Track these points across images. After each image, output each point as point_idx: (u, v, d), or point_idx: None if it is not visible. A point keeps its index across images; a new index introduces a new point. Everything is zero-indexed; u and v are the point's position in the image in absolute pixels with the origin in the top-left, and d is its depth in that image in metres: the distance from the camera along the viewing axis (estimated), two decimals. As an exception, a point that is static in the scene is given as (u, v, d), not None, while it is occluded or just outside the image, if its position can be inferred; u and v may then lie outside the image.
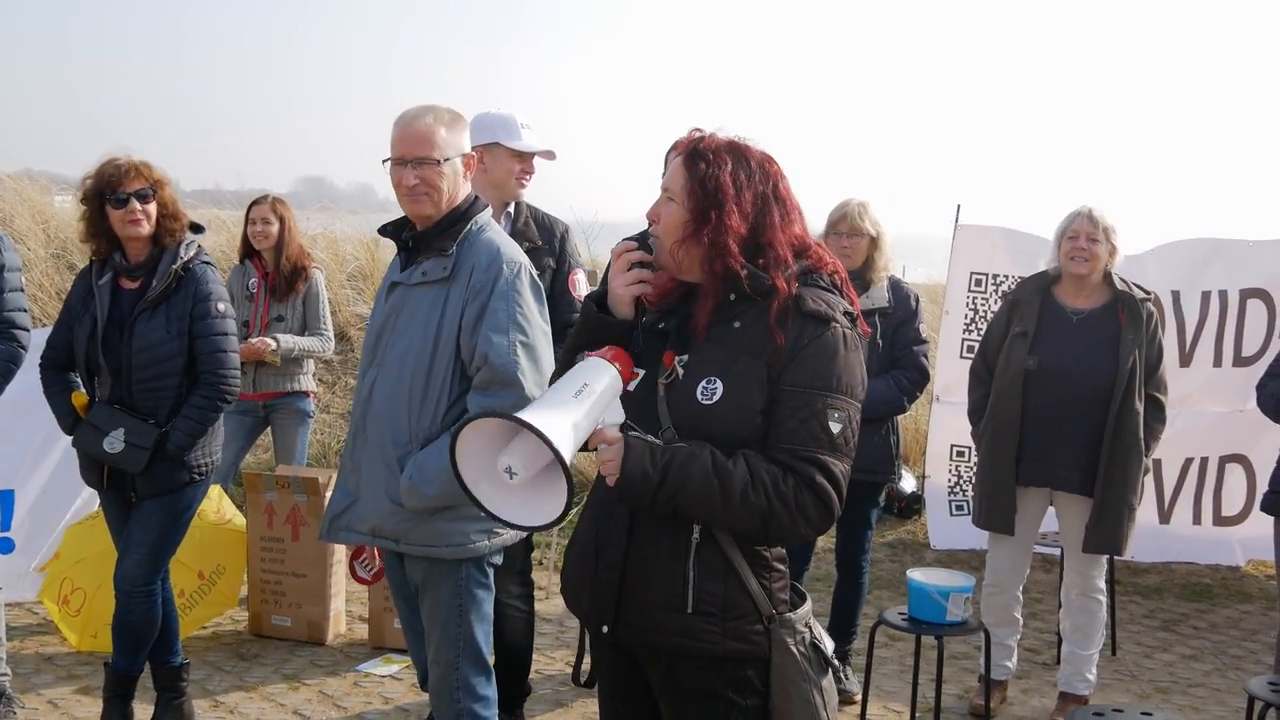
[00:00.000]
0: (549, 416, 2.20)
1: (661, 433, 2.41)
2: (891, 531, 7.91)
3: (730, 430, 2.37)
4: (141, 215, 4.24)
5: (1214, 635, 6.35)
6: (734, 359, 2.40)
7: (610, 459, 2.31)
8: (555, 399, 2.29)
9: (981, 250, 7.45)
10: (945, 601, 4.43)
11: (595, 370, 2.37)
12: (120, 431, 4.20)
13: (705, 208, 2.41)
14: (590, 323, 2.55)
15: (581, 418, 2.26)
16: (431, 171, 3.37)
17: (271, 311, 6.14)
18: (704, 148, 2.47)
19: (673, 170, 2.49)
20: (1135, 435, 4.77)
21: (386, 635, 5.56)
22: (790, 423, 2.35)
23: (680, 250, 2.45)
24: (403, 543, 3.38)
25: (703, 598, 2.39)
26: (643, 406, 2.45)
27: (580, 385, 2.31)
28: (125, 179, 4.23)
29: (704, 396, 2.39)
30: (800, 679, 2.43)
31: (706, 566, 2.39)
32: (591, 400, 2.29)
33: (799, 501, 2.32)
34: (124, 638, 4.44)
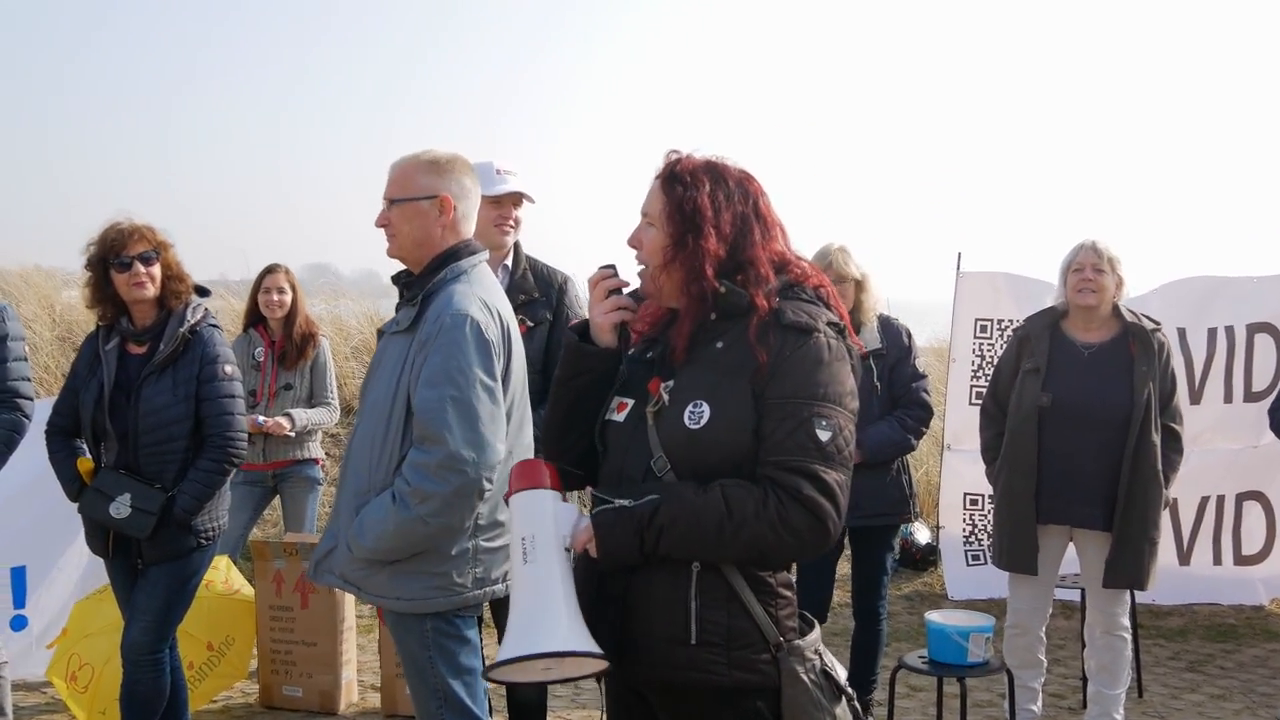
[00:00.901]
0: (537, 627, 2.26)
1: (653, 461, 2.39)
2: (908, 583, 7.82)
3: (722, 453, 2.34)
4: (146, 278, 4.23)
5: (1242, 675, 6.23)
6: (719, 381, 2.38)
7: (587, 542, 2.35)
8: (522, 593, 2.33)
9: (985, 296, 7.43)
10: (966, 642, 4.36)
11: (526, 512, 2.39)
12: (126, 497, 4.16)
13: (684, 231, 2.41)
14: (572, 353, 2.56)
15: (558, 579, 2.31)
16: (393, 211, 3.35)
17: (280, 380, 6.14)
18: (681, 170, 2.47)
19: (651, 194, 2.49)
20: (1154, 468, 4.71)
21: (399, 703, 5.47)
22: (777, 435, 2.31)
23: (662, 275, 2.45)
24: (364, 591, 3.33)
25: (706, 628, 2.34)
26: (633, 436, 2.45)
27: (521, 547, 2.34)
28: (129, 242, 4.23)
29: (691, 421, 2.36)
30: (813, 708, 2.37)
31: (708, 596, 2.34)
32: (547, 552, 2.32)
33: (784, 518, 2.27)
34: (132, 708, 4.37)
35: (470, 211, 3.44)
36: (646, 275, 2.50)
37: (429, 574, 3.24)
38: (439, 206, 3.35)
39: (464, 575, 3.27)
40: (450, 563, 3.25)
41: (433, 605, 3.26)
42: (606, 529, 2.33)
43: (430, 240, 3.36)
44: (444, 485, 3.11)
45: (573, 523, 2.37)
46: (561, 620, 2.26)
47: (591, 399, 2.58)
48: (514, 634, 2.29)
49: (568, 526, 2.36)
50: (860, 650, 5.17)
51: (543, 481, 2.40)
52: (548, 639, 2.24)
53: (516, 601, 2.33)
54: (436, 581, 3.25)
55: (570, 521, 2.37)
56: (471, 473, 3.12)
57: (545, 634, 2.25)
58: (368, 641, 6.37)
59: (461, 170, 3.41)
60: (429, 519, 3.12)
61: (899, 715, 5.19)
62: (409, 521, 3.13)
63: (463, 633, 3.34)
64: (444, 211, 3.35)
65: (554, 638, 2.24)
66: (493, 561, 3.34)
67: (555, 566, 2.31)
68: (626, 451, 2.45)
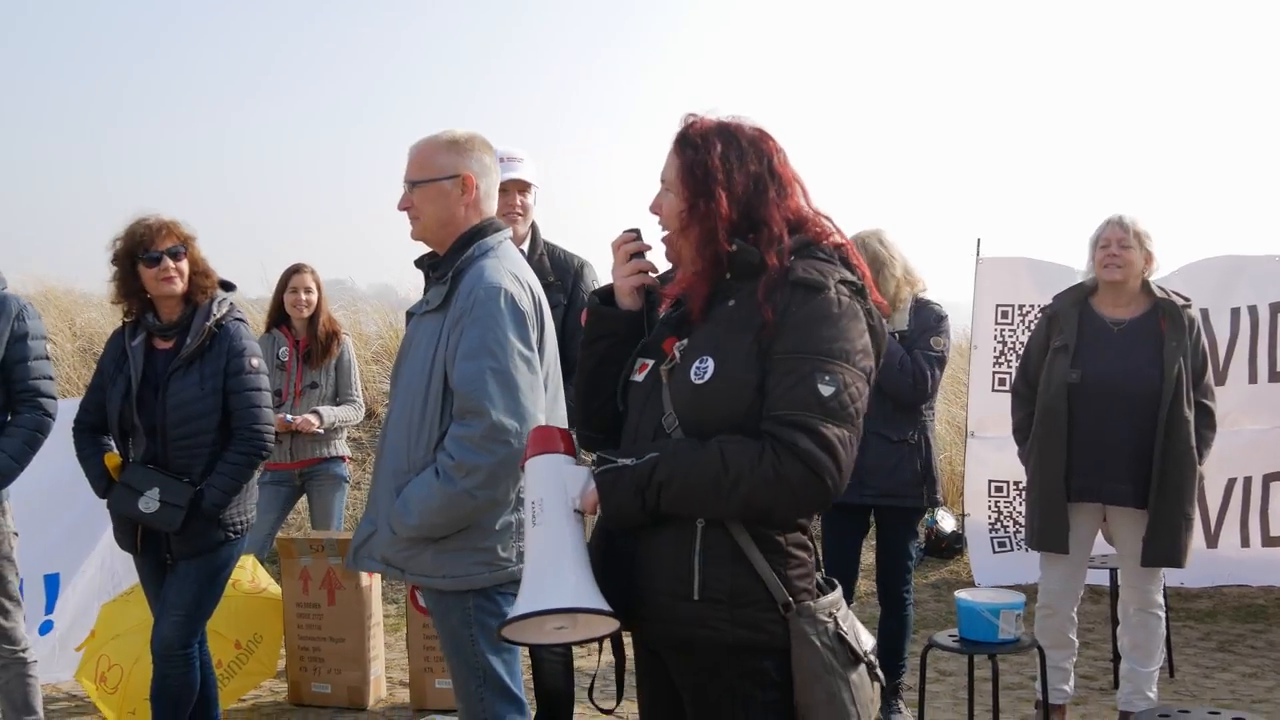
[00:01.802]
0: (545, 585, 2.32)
1: (664, 419, 2.41)
2: (934, 571, 7.79)
3: (725, 408, 2.34)
4: (175, 273, 4.24)
5: (1272, 653, 6.20)
6: (724, 336, 2.39)
7: (594, 503, 2.39)
8: (531, 554, 2.40)
9: (1005, 282, 7.42)
10: (996, 620, 4.33)
11: (537, 476, 2.44)
12: (155, 491, 4.17)
13: (696, 194, 2.43)
14: (593, 316, 2.62)
15: (566, 540, 2.35)
16: (414, 194, 3.36)
17: (305, 379, 6.16)
18: (693, 133, 2.48)
19: (667, 160, 2.51)
20: (1187, 443, 4.66)
21: (429, 697, 5.47)
22: (779, 389, 2.30)
23: (680, 239, 2.48)
24: (407, 573, 3.33)
25: (709, 584, 2.33)
26: (650, 396, 2.48)
27: (531, 511, 2.40)
28: (157, 237, 4.24)
29: (696, 376, 2.38)
30: (824, 672, 2.33)
31: (712, 553, 2.34)
32: (555, 514, 2.37)
33: (781, 474, 2.24)
34: (163, 704, 4.37)
35: (492, 190, 3.45)
36: (667, 240, 2.53)
37: (474, 550, 3.24)
38: (461, 185, 3.35)
39: (508, 549, 3.28)
40: (494, 537, 3.26)
41: (478, 581, 3.27)
42: (608, 488, 2.36)
43: (454, 220, 3.37)
44: (489, 457, 3.11)
45: (582, 485, 2.40)
46: (568, 578, 2.30)
47: (614, 362, 2.61)
48: (524, 593, 2.34)
49: (577, 488, 2.39)
50: (887, 635, 5.14)
51: (554, 446, 2.44)
52: (555, 596, 2.28)
53: (527, 563, 2.40)
54: (481, 557, 3.26)
55: (580, 484, 2.40)
56: (515, 443, 3.12)
57: (552, 591, 2.29)
58: (395, 640, 6.36)
59: (481, 148, 3.42)
60: (475, 492, 3.13)
61: (930, 699, 5.16)
62: (455, 496, 3.13)
63: (503, 609, 3.33)
64: (466, 190, 3.36)
65: (561, 595, 2.29)
66: None
67: (564, 527, 2.35)
68: (643, 411, 2.48)
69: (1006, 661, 5.79)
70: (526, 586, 2.35)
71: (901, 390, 4.93)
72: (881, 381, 4.89)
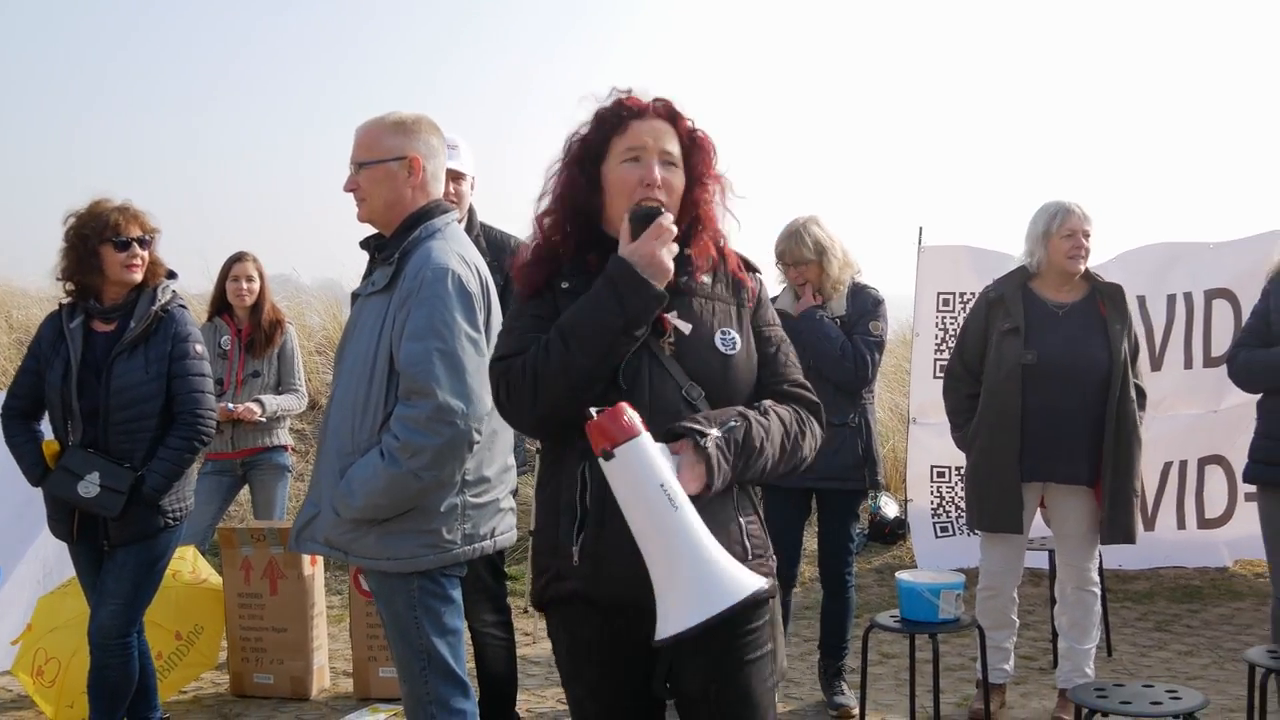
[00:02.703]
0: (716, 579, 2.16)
1: (684, 390, 2.40)
2: (877, 556, 7.85)
3: (745, 377, 2.49)
4: (141, 261, 4.24)
5: (1208, 632, 6.31)
6: (730, 310, 2.53)
7: (695, 479, 2.26)
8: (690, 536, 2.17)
9: (946, 270, 7.48)
10: (936, 600, 4.38)
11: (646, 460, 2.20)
12: (95, 475, 4.12)
13: (706, 165, 2.53)
14: (655, 301, 2.37)
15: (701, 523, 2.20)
16: (360, 175, 3.35)
17: (247, 368, 6.11)
18: (678, 107, 2.54)
19: (660, 134, 2.49)
20: (1134, 421, 4.74)
21: (372, 686, 5.44)
22: (779, 358, 2.56)
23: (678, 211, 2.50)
24: (350, 555, 3.30)
25: (753, 542, 2.45)
26: (650, 370, 2.42)
27: (664, 494, 2.18)
28: (130, 224, 4.23)
29: (725, 347, 2.47)
30: (778, 614, 2.54)
31: (744, 510, 2.46)
32: (683, 497, 2.20)
33: (812, 430, 2.53)
34: (100, 695, 4.33)
35: (439, 171, 3.45)
36: None
37: (418, 532, 3.22)
38: (408, 167, 3.35)
39: (453, 532, 3.27)
40: (439, 519, 3.24)
41: (423, 563, 3.25)
42: (716, 461, 2.28)
43: (401, 201, 3.36)
44: (435, 438, 3.10)
45: (674, 461, 2.26)
46: (731, 564, 2.20)
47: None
48: (694, 590, 2.15)
49: (672, 466, 2.24)
50: (830, 618, 5.19)
51: (639, 427, 2.22)
52: (736, 586, 2.15)
53: (678, 554, 2.17)
54: (426, 539, 3.24)
55: (673, 460, 2.26)
56: (461, 424, 3.11)
57: (731, 583, 2.16)
58: (339, 630, 6.33)
59: (428, 130, 3.41)
60: (421, 473, 3.11)
61: (872, 682, 5.20)
62: (400, 477, 3.11)
63: (448, 592, 3.34)
64: (413, 172, 3.35)
65: (741, 584, 2.17)
66: (480, 517, 3.34)
67: (691, 509, 2.20)
68: (650, 385, 2.39)
69: (948, 643, 5.85)
70: (700, 581, 2.15)
71: (843, 376, 4.96)
72: (823, 367, 4.93)
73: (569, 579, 2.42)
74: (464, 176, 4.43)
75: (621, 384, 2.38)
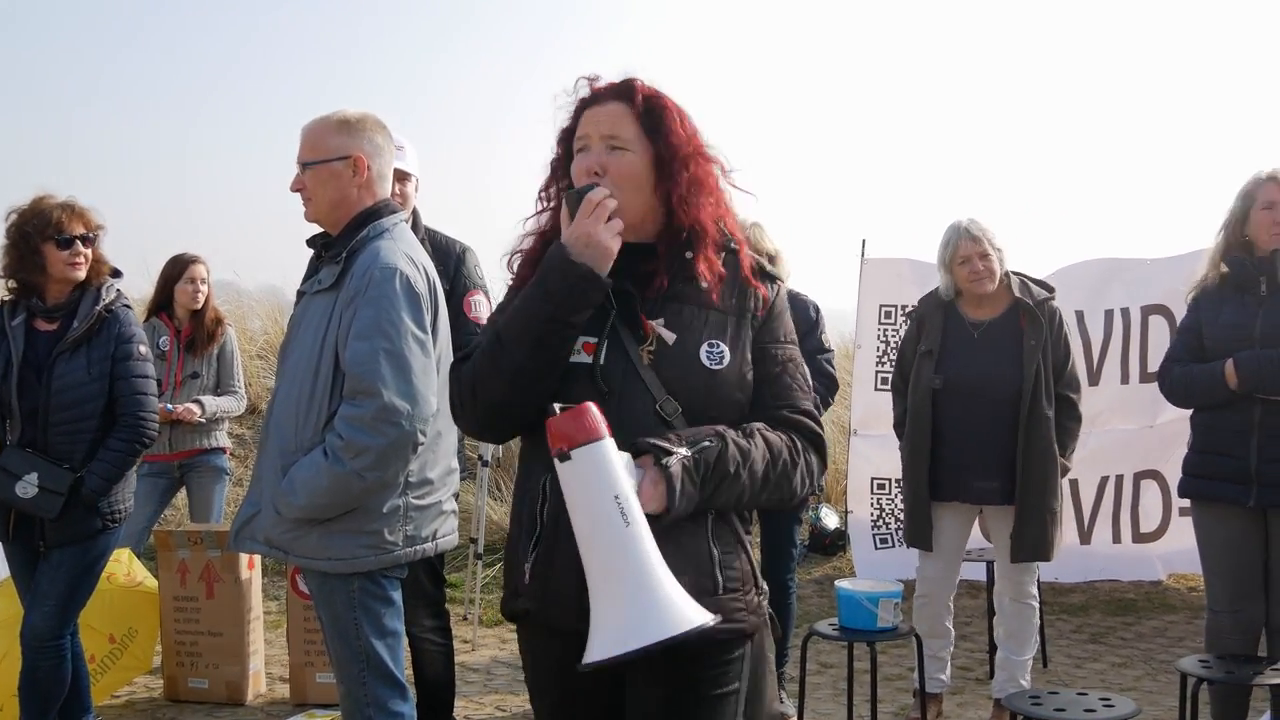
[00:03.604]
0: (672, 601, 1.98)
1: (658, 405, 2.19)
2: (818, 568, 7.89)
3: (733, 395, 2.26)
4: (83, 259, 4.18)
5: (1141, 644, 6.39)
6: (726, 321, 2.28)
7: (654, 499, 2.08)
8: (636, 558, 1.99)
9: (889, 282, 7.54)
10: (875, 608, 4.41)
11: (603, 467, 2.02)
12: (34, 476, 4.06)
13: (671, 156, 2.25)
14: (586, 284, 2.15)
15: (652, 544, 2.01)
16: (307, 175, 3.33)
17: (186, 368, 6.05)
18: (652, 94, 2.29)
19: (612, 118, 2.27)
20: (1048, 440, 4.78)
21: (309, 691, 5.39)
22: (783, 379, 2.31)
23: (637, 203, 2.24)
24: (291, 554, 3.28)
25: (728, 574, 2.22)
26: (623, 379, 2.21)
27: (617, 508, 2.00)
28: (73, 221, 4.17)
29: (712, 361, 2.24)
30: (767, 650, 2.36)
31: (722, 540, 2.23)
32: (637, 512, 2.02)
33: (808, 461, 2.29)
34: (32, 697, 4.26)
35: (385, 170, 3.43)
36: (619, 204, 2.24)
37: (360, 532, 3.20)
38: (353, 166, 3.33)
39: (395, 533, 3.25)
40: (381, 520, 3.22)
41: (363, 564, 3.23)
42: (678, 481, 2.09)
43: (347, 201, 3.34)
44: (379, 438, 3.08)
45: (639, 475, 2.08)
46: (676, 594, 1.99)
47: (573, 340, 2.23)
48: (633, 615, 1.97)
49: (633, 480, 2.07)
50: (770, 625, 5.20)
51: (605, 429, 2.04)
52: (675, 619, 1.96)
53: (620, 573, 2.00)
54: (367, 540, 3.22)
55: (635, 474, 2.08)
56: (406, 425, 3.10)
57: (671, 613, 1.97)
58: (275, 636, 6.27)
59: (373, 128, 3.39)
60: (364, 473, 3.09)
61: (810, 691, 5.22)
62: (343, 476, 3.09)
63: (388, 593, 3.32)
64: (358, 171, 3.33)
65: (681, 616, 1.97)
66: (422, 519, 3.32)
67: (646, 527, 2.02)
68: (620, 396, 2.19)
69: (886, 654, 5.90)
70: (637, 606, 1.97)
71: (822, 407, 5.09)
72: None
73: (521, 596, 2.30)
74: (409, 177, 4.41)
75: (602, 386, 2.20)
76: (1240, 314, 4.25)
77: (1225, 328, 4.26)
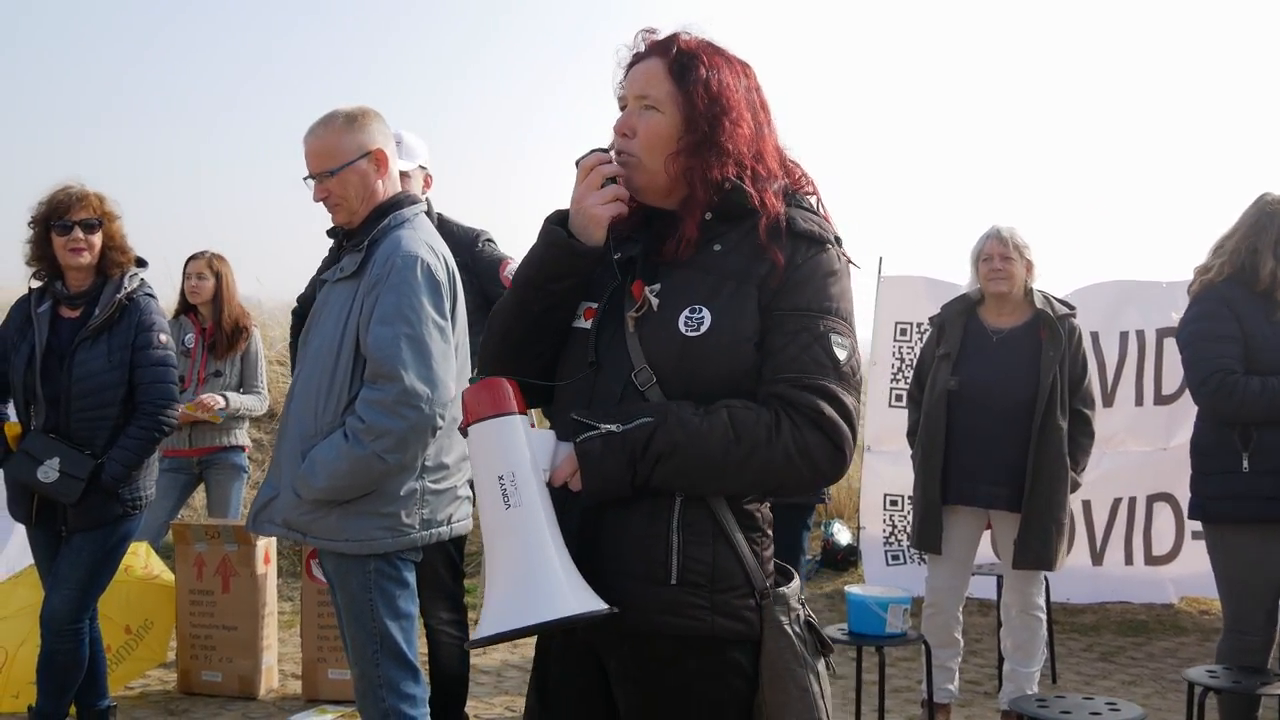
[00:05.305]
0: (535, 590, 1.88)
1: (634, 374, 2.06)
2: (829, 583, 7.91)
3: (720, 365, 2.04)
4: (84, 245, 4.23)
5: (1152, 664, 6.39)
6: (720, 285, 2.07)
7: (569, 475, 2.01)
8: (508, 545, 1.92)
9: (905, 300, 7.58)
10: (884, 613, 4.44)
11: (498, 443, 1.96)
12: (55, 461, 4.13)
13: (711, 114, 2.10)
14: (559, 250, 2.11)
15: (545, 526, 1.93)
16: (331, 182, 3.38)
17: (209, 367, 6.11)
18: (688, 49, 2.14)
19: (649, 75, 2.14)
20: (1059, 450, 4.82)
21: (320, 687, 5.43)
22: (791, 349, 2.03)
23: (663, 167, 2.12)
24: (309, 536, 3.35)
25: (689, 566, 2.01)
26: (611, 345, 2.12)
27: (499, 488, 1.93)
28: (74, 206, 4.24)
29: (688, 328, 2.04)
30: (796, 664, 2.07)
31: (692, 531, 2.02)
32: (530, 492, 1.93)
33: (801, 444, 1.98)
34: (49, 678, 4.32)
35: (395, 155, 3.53)
36: (635, 165, 2.14)
37: (378, 514, 3.27)
38: (375, 161, 3.42)
39: (411, 516, 3.31)
40: (399, 503, 3.29)
41: (380, 546, 3.30)
42: (594, 460, 1.98)
43: (374, 195, 3.43)
44: (400, 421, 3.15)
45: (550, 452, 2.00)
46: (560, 579, 1.90)
47: (568, 307, 2.18)
48: (506, 598, 1.91)
49: (546, 457, 1.99)
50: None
51: (511, 406, 1.97)
52: (549, 605, 1.87)
53: (503, 556, 1.93)
54: (385, 522, 3.29)
55: (547, 451, 2.00)
56: (426, 409, 3.17)
57: (546, 599, 1.88)
58: (289, 636, 6.31)
59: (375, 118, 3.48)
60: (384, 455, 3.16)
61: (819, 699, 5.23)
62: (364, 459, 3.16)
63: (403, 575, 3.38)
64: (381, 164, 3.43)
65: (557, 602, 1.88)
66: (438, 503, 3.39)
67: (541, 510, 1.93)
68: (602, 364, 2.11)
69: (895, 666, 5.91)
70: (509, 588, 1.91)
71: None
72: None
73: None
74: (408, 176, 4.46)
75: (591, 354, 2.12)
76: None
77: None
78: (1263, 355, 4.17)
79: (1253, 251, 4.25)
